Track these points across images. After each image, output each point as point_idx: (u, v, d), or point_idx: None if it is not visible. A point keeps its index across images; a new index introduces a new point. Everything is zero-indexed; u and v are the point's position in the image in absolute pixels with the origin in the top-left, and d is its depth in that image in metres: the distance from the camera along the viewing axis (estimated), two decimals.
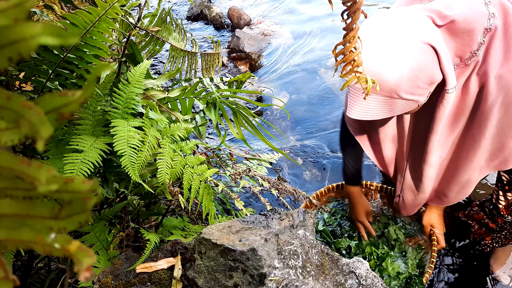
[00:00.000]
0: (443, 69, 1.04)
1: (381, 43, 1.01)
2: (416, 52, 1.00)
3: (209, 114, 1.29)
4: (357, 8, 0.62)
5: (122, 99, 1.01)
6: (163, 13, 1.50)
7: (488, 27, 1.04)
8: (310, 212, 1.06)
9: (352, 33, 0.65)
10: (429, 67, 1.02)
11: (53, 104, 0.24)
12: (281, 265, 0.87)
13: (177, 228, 1.21)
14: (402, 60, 1.00)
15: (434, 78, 1.04)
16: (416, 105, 1.10)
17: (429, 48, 1.00)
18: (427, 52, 1.00)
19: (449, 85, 1.07)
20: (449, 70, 1.04)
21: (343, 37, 0.67)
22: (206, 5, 3.90)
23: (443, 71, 1.04)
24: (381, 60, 1.00)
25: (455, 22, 1.04)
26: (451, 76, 1.06)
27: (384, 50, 1.01)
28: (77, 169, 0.88)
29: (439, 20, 1.05)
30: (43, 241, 0.25)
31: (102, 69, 0.26)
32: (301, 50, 3.26)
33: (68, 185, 0.24)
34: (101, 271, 0.99)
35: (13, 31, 0.22)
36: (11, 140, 0.24)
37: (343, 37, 0.67)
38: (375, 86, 0.76)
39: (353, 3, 0.61)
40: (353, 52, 0.68)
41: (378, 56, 1.01)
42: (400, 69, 1.00)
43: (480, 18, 1.04)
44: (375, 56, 1.01)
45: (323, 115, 2.56)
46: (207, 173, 1.09)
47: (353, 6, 0.61)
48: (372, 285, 0.91)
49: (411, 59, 1.00)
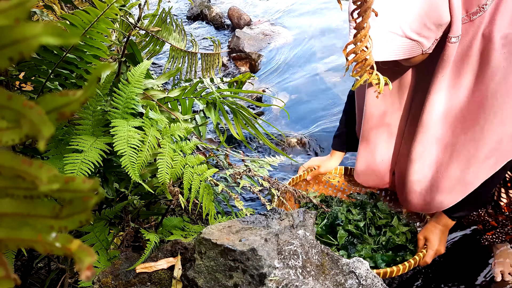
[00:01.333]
0: (452, 11, 0.99)
1: None
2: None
3: (209, 114, 1.30)
4: (368, 7, 0.61)
5: (122, 99, 1.01)
6: (163, 13, 1.51)
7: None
8: (310, 212, 1.06)
9: (363, 32, 0.65)
10: (439, 4, 0.97)
11: (54, 104, 0.24)
12: (281, 265, 0.87)
13: (177, 228, 1.21)
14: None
15: (442, 19, 0.99)
16: (420, 51, 1.05)
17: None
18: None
19: (453, 32, 1.02)
20: (457, 14, 1.00)
21: (354, 36, 0.66)
22: (206, 5, 3.90)
23: (452, 13, 0.99)
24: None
25: None
26: (457, 21, 1.01)
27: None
28: (77, 169, 0.88)
29: None
30: (44, 240, 0.25)
31: (102, 69, 0.26)
32: (301, 50, 3.26)
33: (69, 184, 0.24)
34: (101, 271, 0.99)
35: (14, 31, 0.23)
36: (12, 140, 0.24)
37: (353, 36, 0.66)
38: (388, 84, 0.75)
39: (363, 2, 0.61)
40: (364, 51, 0.68)
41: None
42: (410, 2, 0.96)
43: None
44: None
45: (323, 115, 2.57)
46: (207, 173, 1.09)
47: (363, 5, 0.61)
48: (372, 285, 0.91)
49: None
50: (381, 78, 0.72)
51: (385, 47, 1.02)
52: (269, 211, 1.05)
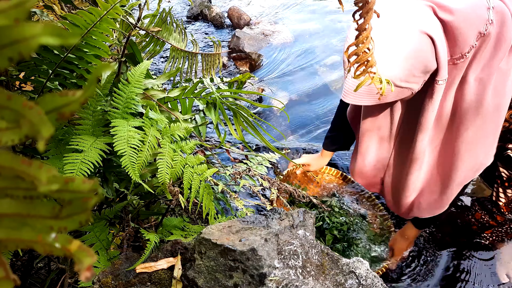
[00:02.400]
0: (438, 59, 1.04)
1: (378, 30, 1.01)
2: (413, 40, 1.00)
3: (209, 114, 1.29)
4: (370, 8, 0.61)
5: (122, 99, 1.01)
6: (163, 14, 1.50)
7: (483, 32, 1.04)
8: (310, 212, 1.06)
9: (365, 34, 0.64)
10: (424, 56, 1.02)
11: (53, 104, 0.24)
12: (281, 265, 0.87)
13: (177, 228, 1.21)
14: (399, 48, 1.01)
15: (429, 67, 1.05)
16: (409, 93, 1.11)
17: (426, 37, 1.01)
18: (424, 41, 1.01)
19: (440, 76, 1.07)
20: (444, 61, 1.05)
21: (356, 37, 0.66)
22: (206, 5, 3.90)
23: (438, 61, 1.04)
24: (378, 48, 1.00)
25: (453, 22, 1.04)
26: (444, 67, 1.06)
27: (382, 38, 1.01)
28: (77, 169, 0.88)
29: (440, 11, 1.04)
30: (43, 240, 0.25)
31: (102, 69, 0.26)
32: (301, 50, 3.26)
33: (69, 184, 0.24)
34: (101, 271, 0.99)
35: (14, 31, 0.23)
36: (11, 140, 0.24)
37: (355, 38, 0.66)
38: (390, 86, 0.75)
39: (365, 3, 0.60)
40: (366, 53, 0.68)
41: (376, 44, 1.00)
42: (396, 57, 1.01)
43: (479, 22, 1.04)
44: None
45: (323, 115, 2.57)
46: (207, 172, 1.09)
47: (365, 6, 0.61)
48: (372, 285, 0.91)
49: (407, 48, 1.00)
50: (383, 80, 0.72)
51: (376, 95, 1.08)
52: (269, 211, 1.05)
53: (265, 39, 3.41)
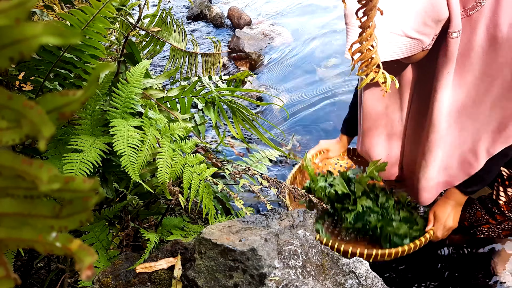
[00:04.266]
0: (450, 6, 1.00)
1: None
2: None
3: (208, 113, 1.29)
4: (373, 6, 0.61)
5: (121, 99, 1.01)
6: (163, 14, 1.51)
7: None
8: (310, 212, 1.06)
9: (368, 31, 0.64)
10: (438, 1, 0.98)
11: (54, 104, 0.24)
12: (281, 265, 0.87)
13: (177, 228, 1.21)
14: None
15: (440, 15, 1.00)
16: (420, 48, 1.06)
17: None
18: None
19: (453, 27, 1.03)
20: (456, 8, 1.01)
21: (359, 35, 0.66)
22: (206, 5, 3.90)
23: (450, 8, 1.01)
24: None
25: None
26: (457, 16, 1.02)
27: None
28: (77, 169, 0.88)
29: None
30: (44, 240, 0.25)
31: (102, 69, 0.26)
32: (301, 50, 3.26)
33: (69, 184, 0.24)
34: (101, 271, 0.99)
35: (15, 31, 0.23)
36: (12, 140, 0.24)
37: (359, 36, 0.66)
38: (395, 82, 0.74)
39: (368, 1, 0.60)
40: (370, 50, 0.67)
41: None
42: (408, 1, 0.98)
43: None
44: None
45: (322, 115, 2.57)
46: (206, 172, 1.09)
47: (369, 4, 0.61)
48: (372, 285, 0.91)
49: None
50: (388, 77, 0.72)
51: (386, 48, 1.03)
52: (269, 211, 1.05)
53: (265, 39, 3.42)
